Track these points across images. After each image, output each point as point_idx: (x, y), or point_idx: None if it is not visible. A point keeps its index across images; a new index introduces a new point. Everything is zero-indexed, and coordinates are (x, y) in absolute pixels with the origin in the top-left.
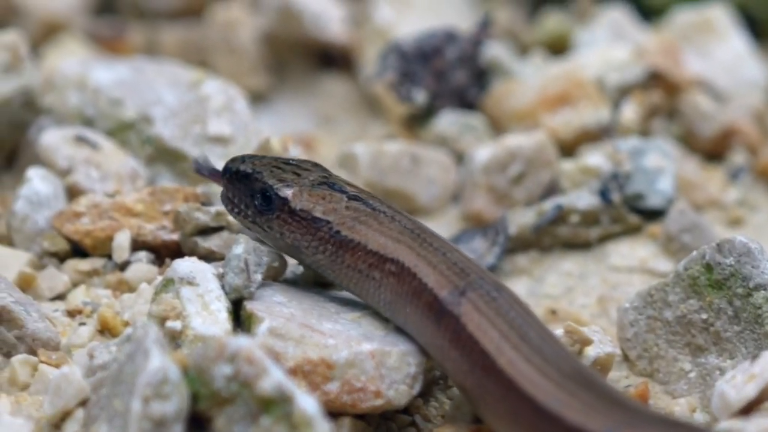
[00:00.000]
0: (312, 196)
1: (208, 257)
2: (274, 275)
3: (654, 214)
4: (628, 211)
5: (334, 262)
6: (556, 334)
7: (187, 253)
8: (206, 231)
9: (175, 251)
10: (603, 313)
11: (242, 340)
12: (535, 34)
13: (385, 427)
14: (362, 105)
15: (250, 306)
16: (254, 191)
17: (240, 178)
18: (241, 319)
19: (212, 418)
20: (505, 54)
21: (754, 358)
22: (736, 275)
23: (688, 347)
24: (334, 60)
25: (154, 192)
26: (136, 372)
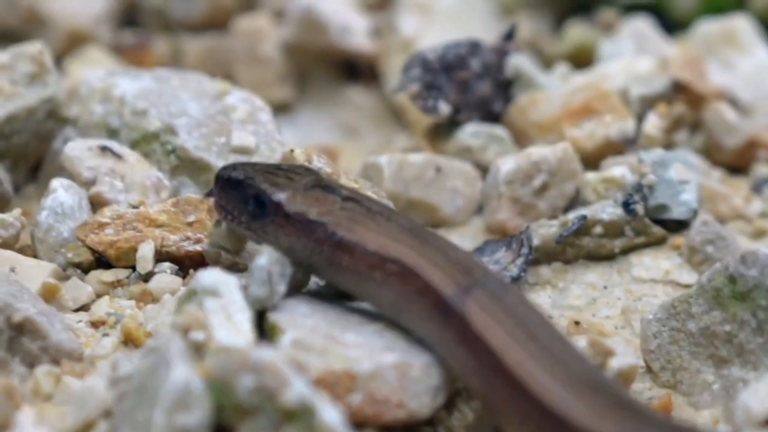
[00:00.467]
0: (306, 199)
1: (231, 268)
2: (297, 286)
3: (678, 226)
4: (652, 223)
5: (332, 264)
6: (579, 345)
7: (211, 264)
8: None
9: (199, 262)
10: (626, 325)
11: (265, 352)
12: (559, 46)
13: None
14: (387, 116)
15: (273, 317)
16: (247, 197)
17: (232, 185)
18: (264, 331)
19: (235, 429)
20: (529, 65)
21: None
22: (759, 287)
23: (711, 359)
24: (358, 71)
25: (178, 203)
26: (159, 383)
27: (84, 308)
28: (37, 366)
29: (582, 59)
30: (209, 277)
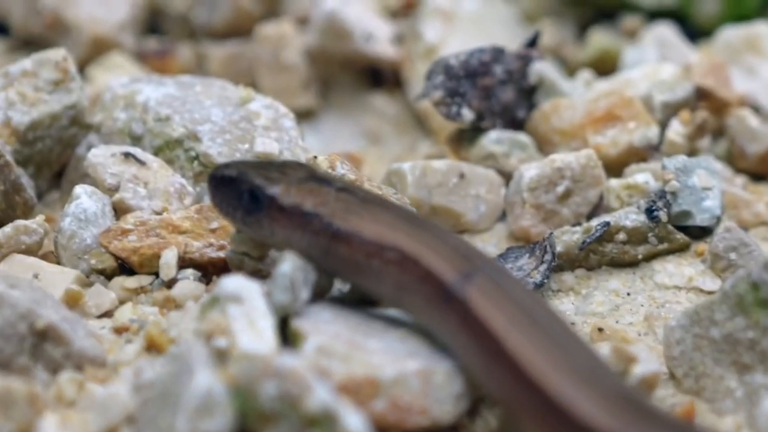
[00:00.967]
0: (300, 192)
1: (254, 275)
2: (320, 292)
3: (701, 233)
4: (675, 230)
5: (329, 255)
6: (602, 352)
7: (234, 271)
8: None
9: (222, 269)
10: (649, 332)
11: (288, 358)
12: (583, 53)
13: None
14: (410, 123)
15: (296, 323)
16: (241, 192)
17: (226, 182)
18: (287, 337)
19: None
20: (552, 72)
21: None
22: None
23: (734, 365)
24: (382, 78)
25: (201, 209)
26: (182, 390)
27: (107, 315)
28: (60, 372)
29: (605, 66)
30: (232, 283)
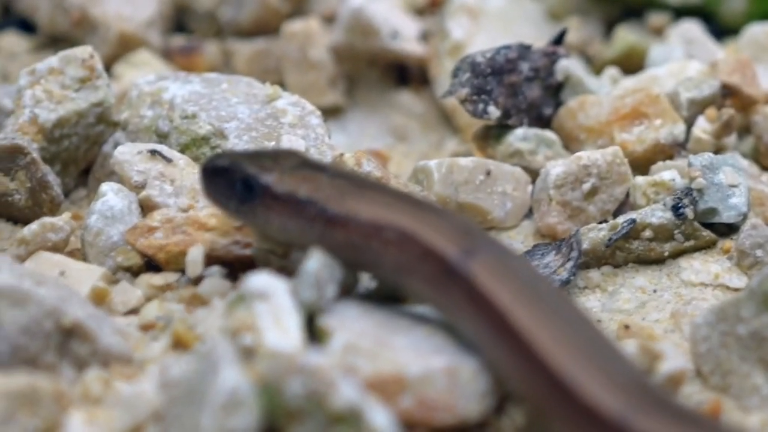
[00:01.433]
0: (294, 179)
1: (281, 272)
2: (346, 289)
3: (727, 230)
4: (701, 227)
5: (327, 240)
6: (629, 349)
7: (260, 268)
8: None
9: (249, 266)
10: (676, 329)
11: (314, 356)
12: (609, 50)
13: None
14: (437, 120)
15: (322, 321)
16: (234, 182)
17: (218, 173)
18: (313, 334)
19: None
20: (579, 69)
21: None
22: None
23: (760, 362)
24: (408, 75)
25: None
26: (208, 387)
27: (133, 312)
28: (86, 370)
29: (632, 64)
30: (258, 280)
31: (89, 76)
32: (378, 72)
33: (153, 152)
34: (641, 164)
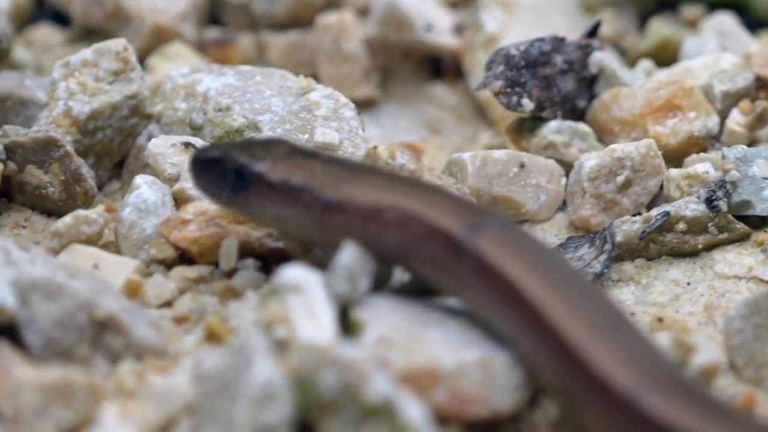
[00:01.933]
0: (287, 166)
1: (314, 265)
2: (379, 283)
3: (761, 222)
4: (735, 219)
5: (323, 226)
6: (662, 342)
7: (294, 261)
8: None
9: (282, 258)
10: (709, 321)
11: (347, 349)
12: (643, 43)
13: None
14: (471, 113)
15: (355, 313)
16: (226, 172)
17: (209, 164)
18: (347, 327)
19: (317, 426)
20: (613, 61)
21: None
22: None
23: None
24: (442, 68)
25: None
26: (242, 380)
27: (167, 305)
28: (119, 362)
29: (665, 56)
30: (292, 273)
31: (123, 69)
32: (412, 64)
33: (187, 144)
34: (675, 157)
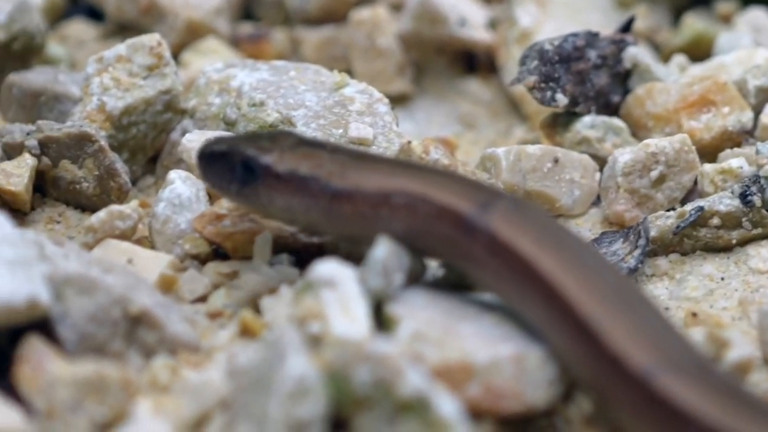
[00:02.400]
0: (294, 157)
1: (348, 259)
2: (413, 277)
3: None
4: None
5: (332, 215)
6: (696, 337)
7: (328, 256)
8: None
9: (316, 253)
10: (744, 316)
11: (382, 344)
12: (677, 38)
13: (525, 430)
14: (505, 108)
15: (390, 308)
16: (233, 165)
17: (217, 157)
18: (381, 322)
19: (351, 421)
20: (647, 56)
21: None
22: None
23: None
24: (476, 63)
25: None
26: (276, 375)
27: (201, 300)
28: (153, 357)
29: (699, 51)
30: (326, 268)
31: (157, 64)
32: (446, 60)
33: None
34: (709, 152)
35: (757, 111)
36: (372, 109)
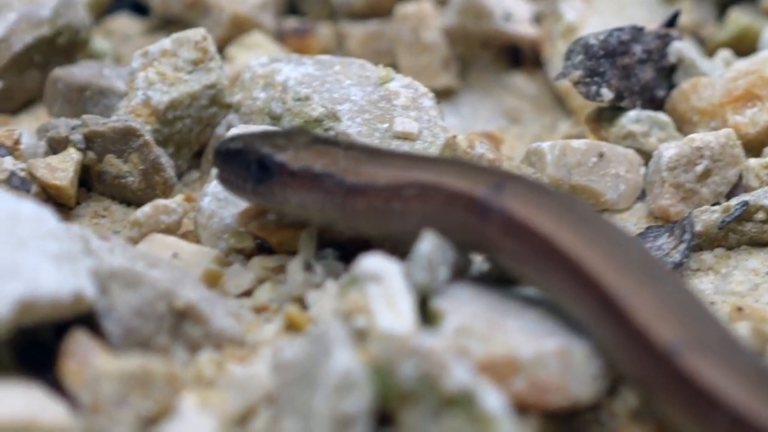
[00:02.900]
0: (308, 154)
1: (393, 253)
2: (458, 272)
3: None
4: None
5: (347, 211)
6: (741, 331)
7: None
8: None
9: (361, 247)
10: None
11: (427, 338)
12: (722, 33)
13: (570, 424)
14: (550, 103)
15: (435, 303)
16: (249, 163)
17: (233, 155)
18: (426, 316)
19: (397, 415)
20: (692, 51)
21: None
22: None
23: None
24: (521, 57)
25: None
26: (321, 369)
27: (246, 294)
28: (199, 352)
29: (744, 46)
30: (371, 263)
31: (202, 58)
32: (491, 54)
33: None
34: (754, 146)
35: None
36: (417, 103)
